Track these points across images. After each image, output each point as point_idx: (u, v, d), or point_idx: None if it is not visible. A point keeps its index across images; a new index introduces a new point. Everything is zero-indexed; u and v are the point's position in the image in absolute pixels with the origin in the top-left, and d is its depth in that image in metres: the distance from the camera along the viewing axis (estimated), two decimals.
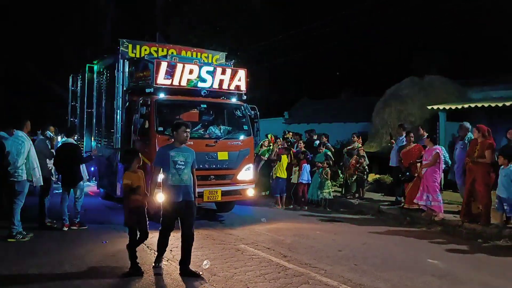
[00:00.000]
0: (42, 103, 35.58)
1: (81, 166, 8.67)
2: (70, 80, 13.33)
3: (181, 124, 5.66)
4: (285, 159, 10.94)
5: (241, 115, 9.57)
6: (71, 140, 8.52)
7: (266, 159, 11.67)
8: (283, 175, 10.89)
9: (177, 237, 7.18)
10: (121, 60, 9.52)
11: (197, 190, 8.22)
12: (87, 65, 12.00)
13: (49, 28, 32.95)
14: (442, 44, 20.11)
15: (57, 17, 32.98)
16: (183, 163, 5.53)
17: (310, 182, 10.94)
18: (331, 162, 11.09)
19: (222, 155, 8.76)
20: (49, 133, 9.35)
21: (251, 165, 9.35)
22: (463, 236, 7.99)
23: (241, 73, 9.38)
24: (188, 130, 5.59)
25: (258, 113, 9.78)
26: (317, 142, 12.15)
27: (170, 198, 5.49)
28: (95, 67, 11.67)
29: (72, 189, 8.26)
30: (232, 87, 9.29)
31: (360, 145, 11.63)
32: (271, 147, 11.82)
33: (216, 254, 6.56)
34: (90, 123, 11.75)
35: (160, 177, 5.63)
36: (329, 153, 11.26)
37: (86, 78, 12.07)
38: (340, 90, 26.81)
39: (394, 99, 14.65)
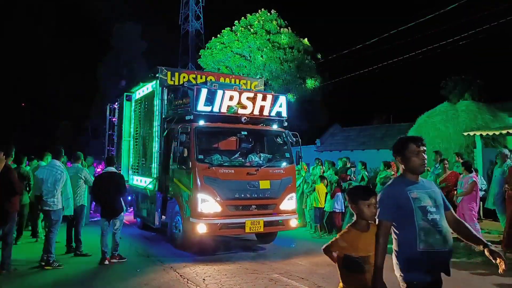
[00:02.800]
0: (76, 133, 36.95)
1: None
2: (108, 109, 13.42)
3: (409, 140, 3.31)
4: (322, 188, 10.85)
5: (282, 142, 9.27)
6: (112, 168, 8.24)
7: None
8: (320, 204, 10.82)
9: (214, 267, 7.21)
10: (160, 88, 9.48)
11: (239, 220, 8.02)
12: (125, 93, 12.06)
13: (85, 60, 34.52)
14: (475, 68, 19.83)
15: (93, 50, 34.56)
16: (435, 207, 3.20)
17: (344, 211, 10.77)
18: None
19: (264, 184, 8.41)
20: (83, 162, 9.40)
21: (293, 194, 8.97)
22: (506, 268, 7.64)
23: (282, 99, 9.12)
24: (423, 148, 3.27)
25: (300, 140, 9.43)
26: (351, 169, 12.02)
27: (424, 278, 3.11)
28: (133, 96, 11.71)
29: (111, 220, 7.89)
30: (273, 113, 9.02)
31: (393, 173, 11.41)
32: (303, 175, 11.77)
33: (249, 284, 6.51)
34: (128, 152, 11.77)
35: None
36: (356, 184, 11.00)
37: (124, 106, 12.07)
38: (370, 117, 26.69)
39: (427, 126, 14.42)
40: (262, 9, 23.57)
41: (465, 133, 12.58)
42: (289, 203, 8.78)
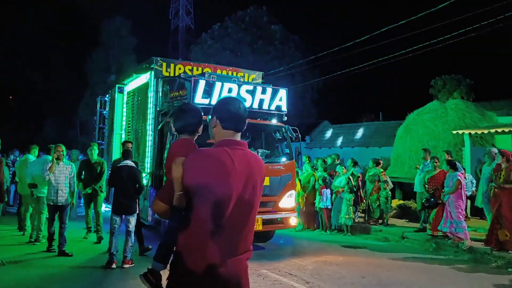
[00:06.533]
0: (64, 127, 36.65)
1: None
2: (98, 102, 13.04)
3: None
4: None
5: (281, 137, 8.98)
6: (130, 162, 7.46)
7: None
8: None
9: None
10: (155, 79, 9.08)
11: None
12: (117, 85, 11.70)
13: (73, 55, 34.17)
14: (464, 67, 19.98)
15: (81, 44, 34.21)
16: None
17: (330, 207, 10.81)
18: (354, 188, 10.86)
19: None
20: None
21: (293, 192, 8.72)
22: (492, 265, 7.72)
23: (282, 93, 8.84)
24: None
25: (300, 135, 9.13)
26: (339, 166, 12.02)
27: None
28: (125, 88, 11.35)
29: (126, 217, 7.25)
30: (273, 107, 8.73)
31: (381, 170, 11.47)
32: None
33: None
34: (119, 145, 11.15)
35: None
36: (351, 177, 11.01)
37: (116, 99, 11.71)
38: (360, 114, 26.80)
39: (416, 124, 14.50)
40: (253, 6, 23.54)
41: (454, 132, 12.64)
42: (288, 200, 8.53)
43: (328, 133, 24.20)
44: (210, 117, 2.71)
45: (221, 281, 2.33)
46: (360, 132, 22.18)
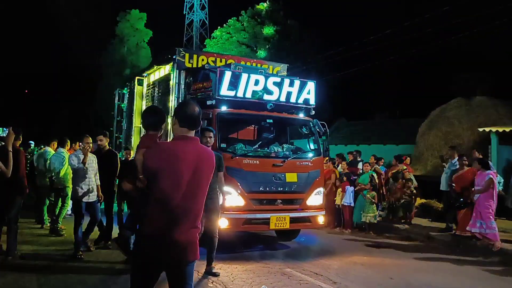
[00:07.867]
0: (78, 120, 36.86)
1: None
2: (116, 94, 12.86)
3: None
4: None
5: (308, 132, 8.59)
6: None
7: None
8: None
9: (226, 261, 6.98)
10: (177, 70, 8.80)
11: (263, 215, 7.62)
12: (137, 77, 11.50)
13: (88, 47, 34.22)
14: (488, 65, 19.46)
15: (97, 37, 34.24)
16: None
17: (353, 204, 10.53)
18: (377, 185, 10.55)
19: (291, 177, 7.78)
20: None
21: (321, 189, 8.30)
22: None
23: (311, 86, 8.36)
24: None
25: (328, 130, 8.70)
26: (361, 163, 11.75)
27: None
28: (145, 80, 11.14)
29: None
30: (301, 100, 8.30)
31: (405, 167, 11.16)
32: None
33: (261, 277, 6.28)
34: (138, 139, 10.97)
35: None
36: (374, 174, 10.73)
37: (135, 91, 11.48)
38: (374, 112, 26.42)
39: (440, 121, 14.15)
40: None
41: (481, 129, 12.26)
42: (316, 198, 8.15)
43: (344, 130, 23.88)
44: (173, 117, 3.23)
45: (170, 244, 2.98)
46: (376, 129, 21.82)
